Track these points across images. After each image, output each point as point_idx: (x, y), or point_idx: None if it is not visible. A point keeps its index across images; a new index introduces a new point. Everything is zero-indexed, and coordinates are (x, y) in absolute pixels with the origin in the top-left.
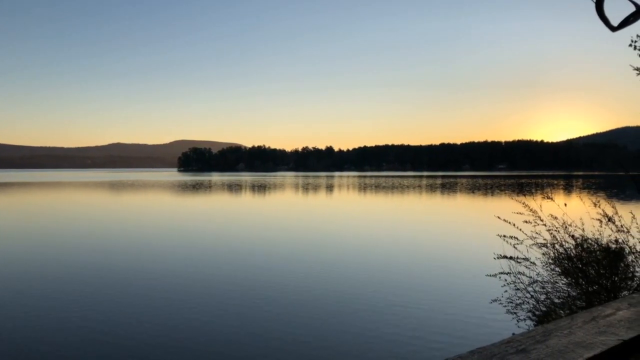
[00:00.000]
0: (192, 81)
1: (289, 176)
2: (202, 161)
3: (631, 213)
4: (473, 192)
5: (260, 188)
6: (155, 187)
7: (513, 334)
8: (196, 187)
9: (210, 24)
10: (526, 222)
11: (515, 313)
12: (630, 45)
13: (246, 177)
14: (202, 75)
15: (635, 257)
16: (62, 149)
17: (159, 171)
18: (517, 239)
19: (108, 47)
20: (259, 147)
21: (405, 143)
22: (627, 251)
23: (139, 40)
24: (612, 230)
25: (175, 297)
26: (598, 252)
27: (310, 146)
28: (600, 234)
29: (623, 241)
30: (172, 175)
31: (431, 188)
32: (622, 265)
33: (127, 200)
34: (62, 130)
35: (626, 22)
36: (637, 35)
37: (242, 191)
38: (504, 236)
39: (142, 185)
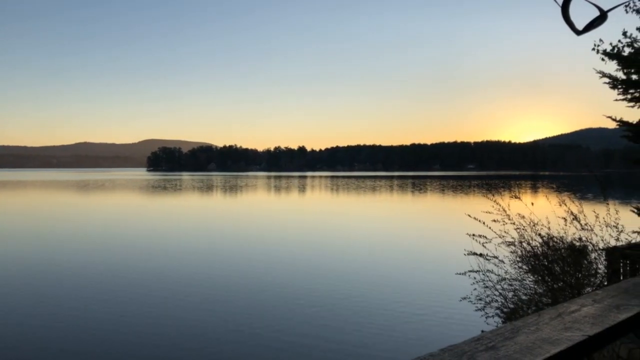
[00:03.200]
0: (161, 79)
1: (260, 176)
2: (172, 161)
3: (594, 212)
4: (444, 192)
5: (231, 189)
6: (124, 188)
7: (482, 331)
8: (168, 188)
9: (179, 25)
10: (495, 221)
11: (484, 310)
12: (594, 49)
13: (217, 177)
14: (171, 73)
15: (598, 254)
16: (25, 148)
17: (127, 171)
18: (486, 237)
19: (73, 44)
20: (230, 146)
21: (377, 143)
22: (590, 249)
23: (105, 38)
24: (577, 229)
25: (156, 297)
26: (563, 250)
27: (283, 146)
28: (565, 232)
29: (586, 239)
30: (141, 175)
31: (403, 188)
32: (586, 262)
33: (95, 201)
34: (25, 129)
35: (590, 26)
36: (600, 40)
37: (214, 192)
38: (474, 235)
39: (111, 186)
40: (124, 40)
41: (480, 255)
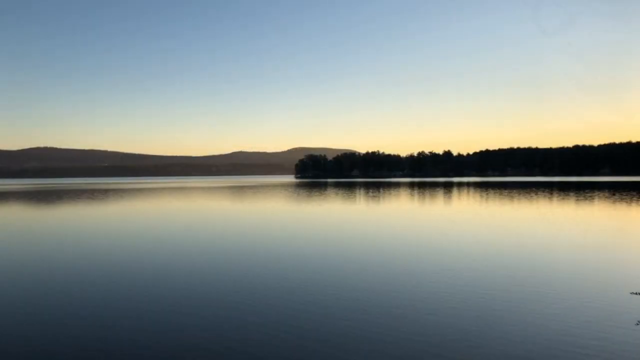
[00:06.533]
0: (306, 91)
1: (403, 183)
2: (317, 168)
3: None
4: (616, 202)
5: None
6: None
7: None
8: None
9: (331, 40)
10: None
11: None
12: None
13: (359, 182)
14: (317, 84)
15: None
16: (190, 157)
17: (277, 177)
18: None
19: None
20: (373, 152)
21: (533, 145)
22: None
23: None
24: None
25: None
26: None
27: (427, 150)
28: None
29: None
30: (291, 180)
31: (565, 197)
32: None
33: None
34: (191, 140)
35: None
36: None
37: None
38: None
39: (262, 191)
40: (287, 55)
41: None
